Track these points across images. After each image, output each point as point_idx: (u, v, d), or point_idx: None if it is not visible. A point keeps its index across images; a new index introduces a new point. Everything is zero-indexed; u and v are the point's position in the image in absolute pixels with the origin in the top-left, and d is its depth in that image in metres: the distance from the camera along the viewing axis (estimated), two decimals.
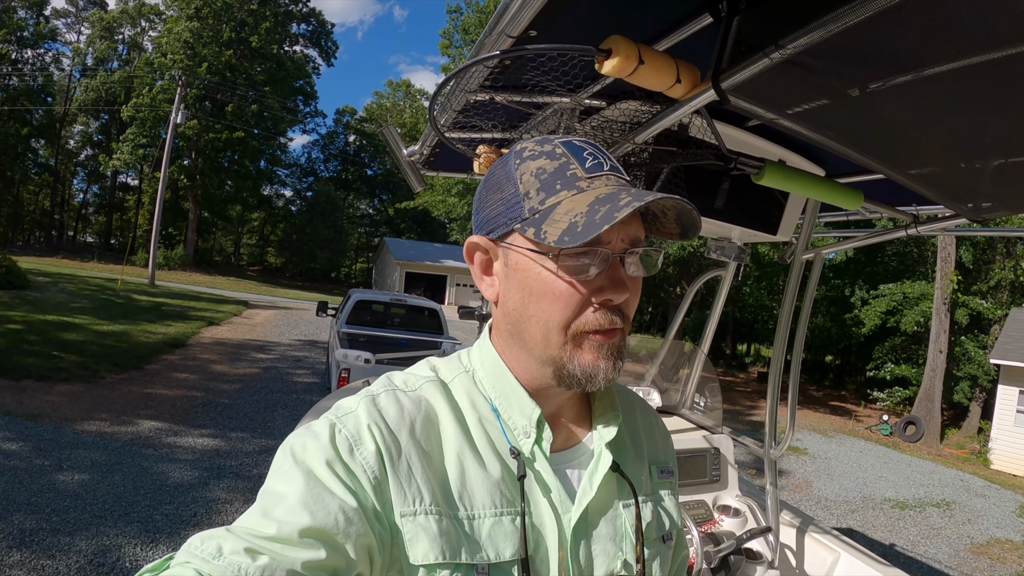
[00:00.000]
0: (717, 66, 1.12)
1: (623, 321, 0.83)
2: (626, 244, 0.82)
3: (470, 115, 1.82)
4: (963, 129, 1.41)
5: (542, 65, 1.37)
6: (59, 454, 6.45)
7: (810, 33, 0.95)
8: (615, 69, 1.15)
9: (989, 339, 19.58)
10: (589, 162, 0.83)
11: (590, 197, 0.79)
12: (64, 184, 54.58)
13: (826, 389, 28.06)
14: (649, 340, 11.71)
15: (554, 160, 0.84)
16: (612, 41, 1.16)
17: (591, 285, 0.81)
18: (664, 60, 1.18)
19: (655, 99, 1.50)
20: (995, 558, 8.13)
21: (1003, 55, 1.00)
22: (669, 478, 1.05)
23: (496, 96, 1.60)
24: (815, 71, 1.10)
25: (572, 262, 0.80)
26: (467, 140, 2.10)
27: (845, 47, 1.01)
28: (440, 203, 26.87)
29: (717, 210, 2.11)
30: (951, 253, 18.41)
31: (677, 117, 1.34)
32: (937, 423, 17.66)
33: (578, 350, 0.82)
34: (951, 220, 2.22)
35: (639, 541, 0.90)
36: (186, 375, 11.28)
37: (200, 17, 41.82)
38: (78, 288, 21.68)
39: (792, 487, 9.96)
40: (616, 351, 0.83)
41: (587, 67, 1.36)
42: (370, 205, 64.90)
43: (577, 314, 0.81)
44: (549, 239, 0.77)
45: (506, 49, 1.22)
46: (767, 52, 1.03)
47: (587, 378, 0.82)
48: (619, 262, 0.81)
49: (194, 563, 0.64)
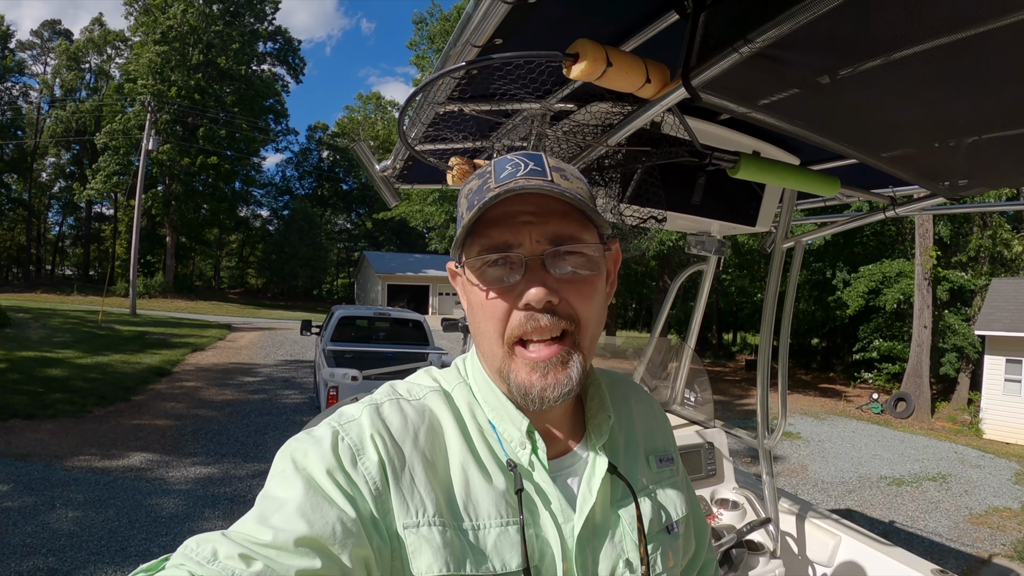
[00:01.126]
0: (686, 63, 1.10)
1: (570, 324, 0.82)
2: (545, 245, 0.81)
3: (440, 127, 1.81)
4: (935, 109, 1.41)
5: (510, 73, 1.36)
6: (51, 492, 6.37)
7: (779, 25, 0.95)
8: (583, 73, 1.14)
9: (972, 311, 19.80)
10: (506, 172, 0.82)
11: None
12: (39, 218, 53.87)
13: (814, 372, 28.22)
14: (635, 337, 11.76)
15: (480, 179, 0.85)
16: (579, 45, 1.14)
17: (513, 292, 0.81)
18: (633, 61, 1.17)
19: (626, 100, 1.49)
20: (995, 527, 8.20)
21: (971, 34, 1.00)
22: (669, 466, 1.05)
23: (465, 107, 1.59)
24: (785, 62, 1.09)
25: (492, 270, 0.82)
26: (439, 152, 2.08)
27: (814, 37, 1.00)
28: (417, 213, 26.82)
29: (695, 206, 2.10)
30: (929, 229, 18.59)
31: (649, 117, 1.33)
32: (927, 398, 17.81)
33: (514, 364, 0.83)
34: (929, 200, 2.23)
35: (641, 540, 0.89)
36: (173, 404, 11.18)
37: (167, 41, 41.48)
38: (60, 322, 21.41)
39: (788, 472, 10.00)
40: (555, 367, 0.81)
41: (555, 72, 1.35)
42: (348, 220, 64.59)
43: (505, 322, 0.82)
44: (457, 253, 0.82)
45: (472, 60, 1.20)
46: (736, 47, 1.01)
47: (522, 394, 0.83)
48: (540, 264, 0.80)
49: (188, 566, 0.64)
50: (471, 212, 0.79)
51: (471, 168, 1.60)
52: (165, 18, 41.56)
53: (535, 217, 0.81)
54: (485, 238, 0.82)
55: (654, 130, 1.70)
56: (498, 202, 0.80)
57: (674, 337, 3.69)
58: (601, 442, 0.92)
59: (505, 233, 0.81)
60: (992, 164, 1.76)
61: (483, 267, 0.82)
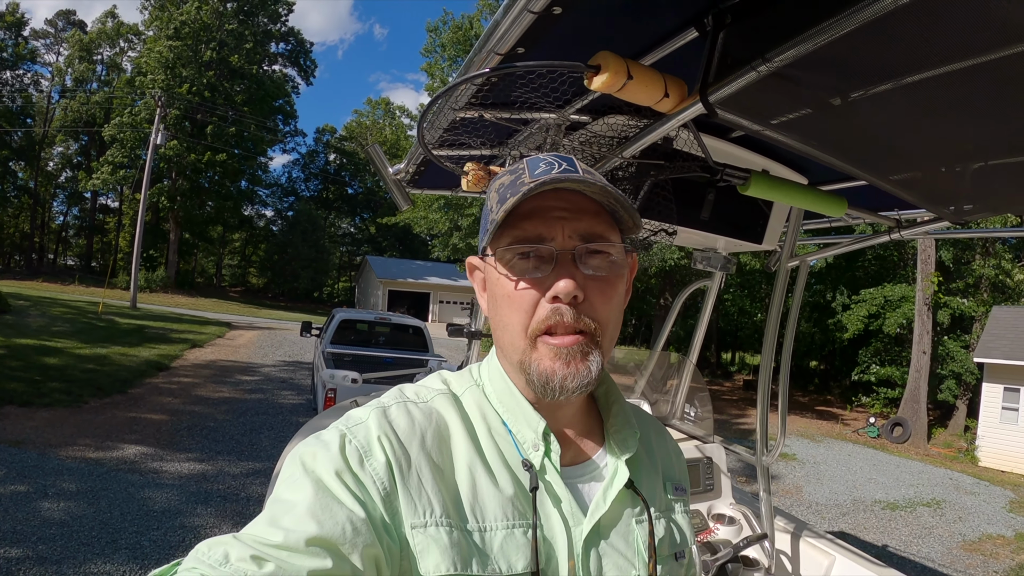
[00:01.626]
0: (704, 80, 1.13)
1: (591, 323, 0.83)
2: (576, 241, 0.82)
3: (458, 132, 1.83)
4: (944, 134, 1.43)
5: (531, 82, 1.38)
6: (44, 481, 6.36)
7: (797, 46, 0.97)
8: (605, 85, 1.16)
9: (972, 338, 19.79)
10: (541, 168, 0.84)
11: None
12: (44, 207, 53.88)
13: (812, 394, 28.13)
14: (636, 352, 11.73)
15: (512, 174, 0.87)
16: (601, 57, 1.17)
17: (542, 284, 0.82)
18: (652, 75, 1.19)
19: (642, 113, 1.51)
20: (988, 554, 8.18)
21: (982, 61, 1.02)
22: (682, 496, 1.05)
23: (484, 113, 1.61)
24: (800, 83, 1.12)
25: (522, 263, 0.83)
26: (455, 157, 2.10)
27: (830, 58, 1.02)
28: (422, 219, 26.70)
29: (703, 221, 2.12)
30: (931, 255, 18.60)
31: (665, 131, 1.35)
32: (924, 423, 17.79)
33: (536, 353, 0.83)
34: (933, 223, 2.25)
35: (652, 558, 0.89)
36: (170, 398, 11.16)
37: (180, 37, 41.63)
38: (60, 312, 21.40)
39: (783, 493, 9.98)
40: (576, 356, 0.82)
41: (574, 83, 1.37)
42: (351, 224, 64.47)
43: (531, 314, 0.83)
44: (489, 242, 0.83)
45: (495, 67, 1.22)
46: (755, 65, 1.04)
47: (543, 383, 0.83)
48: (570, 259, 0.82)
49: (201, 569, 0.64)
50: (505, 203, 0.80)
51: (486, 174, 1.61)
52: (179, 14, 41.74)
53: (569, 213, 0.83)
54: (518, 230, 0.83)
55: (666, 145, 1.72)
56: (533, 196, 0.82)
57: (675, 354, 3.69)
58: (626, 455, 0.92)
59: (539, 226, 0.82)
60: (997, 190, 1.78)
61: (513, 258, 0.83)
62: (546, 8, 1.05)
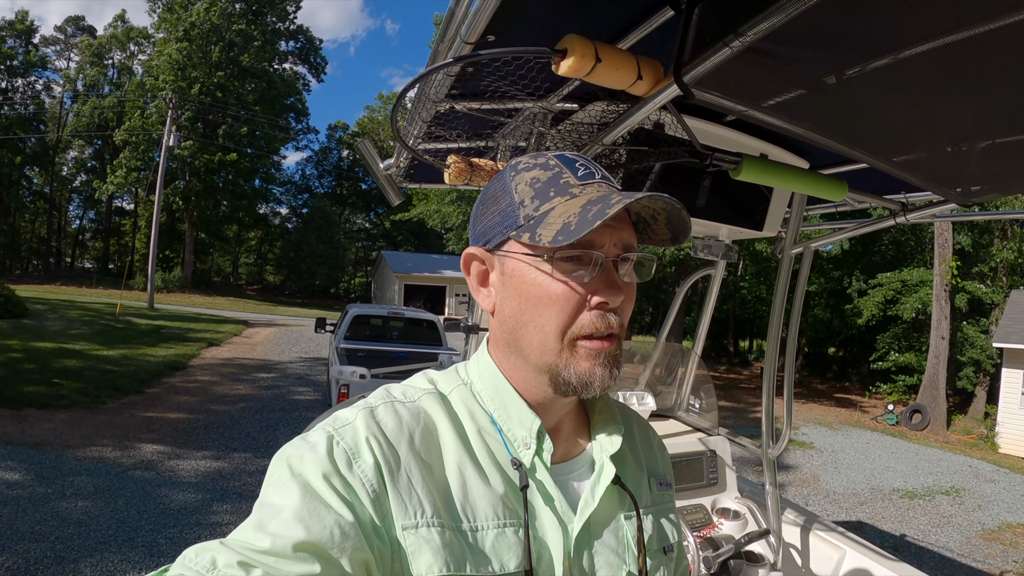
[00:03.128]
0: (678, 59, 1.08)
1: (619, 327, 0.84)
2: (619, 249, 0.84)
3: (441, 126, 1.79)
4: (945, 112, 1.38)
5: (500, 70, 1.34)
6: (62, 481, 6.44)
7: (769, 18, 0.92)
8: (571, 69, 1.12)
9: (990, 323, 19.53)
10: (581, 171, 0.86)
11: (583, 200, 0.81)
12: (60, 211, 54.61)
13: (830, 381, 27.96)
14: (642, 343, 11.69)
15: (548, 171, 0.87)
16: (567, 41, 1.13)
17: (587, 288, 0.82)
18: (623, 57, 1.15)
19: (620, 98, 1.47)
20: (1007, 543, 8.08)
21: (979, 32, 0.97)
22: (668, 490, 1.06)
23: (464, 105, 1.57)
24: (781, 58, 1.07)
25: (567, 265, 0.82)
26: (442, 151, 2.07)
27: (809, 31, 0.98)
28: (435, 213, 26.77)
29: (700, 208, 2.08)
30: (948, 239, 18.36)
31: (643, 115, 1.31)
32: (943, 410, 17.60)
33: (574, 357, 0.83)
34: (941, 206, 2.18)
35: (641, 552, 0.90)
36: (187, 397, 11.26)
37: (189, 39, 41.91)
38: (77, 314, 21.65)
39: (799, 482, 9.90)
40: (612, 359, 0.83)
41: (548, 70, 1.33)
42: (366, 219, 64.76)
43: (574, 318, 0.82)
44: (544, 240, 0.79)
45: (461, 55, 1.18)
46: (727, 41, 0.99)
47: (583, 385, 0.83)
48: (613, 266, 0.83)
49: (188, 575, 0.64)
50: (589, 213, 0.78)
51: (468, 167, 1.58)
52: (188, 16, 42.00)
53: (615, 222, 0.84)
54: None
55: (657, 131, 1.67)
56: (582, 198, 0.82)
57: (688, 341, 3.65)
58: (611, 452, 0.92)
59: (591, 233, 0.80)
60: (1006, 170, 1.72)
61: (559, 260, 0.82)
62: None
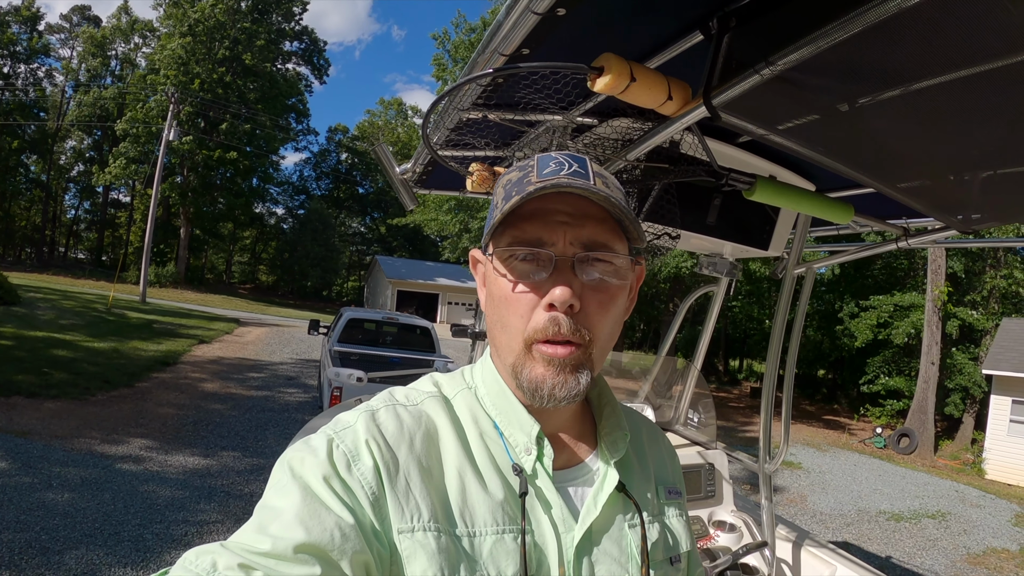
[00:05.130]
0: (708, 83, 1.12)
1: (586, 334, 0.80)
2: (577, 248, 0.80)
3: (463, 133, 1.83)
4: (952, 142, 1.42)
5: (535, 83, 1.38)
6: (49, 471, 6.40)
7: (800, 50, 0.96)
8: (607, 87, 1.16)
9: (981, 350, 19.66)
10: (550, 168, 0.82)
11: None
12: (56, 200, 54.25)
13: (819, 403, 28.02)
14: (641, 357, 11.71)
15: (521, 171, 0.85)
16: (604, 59, 1.16)
17: (539, 289, 0.80)
18: (656, 77, 1.19)
19: (647, 116, 1.50)
20: (992, 568, 8.13)
21: (990, 68, 1.01)
22: (677, 499, 1.03)
23: (489, 114, 1.61)
24: (805, 87, 1.11)
25: (523, 265, 0.81)
26: (460, 158, 2.10)
27: (835, 63, 1.02)
28: (432, 221, 26.73)
29: (709, 226, 2.11)
30: (941, 265, 18.50)
31: (669, 134, 1.35)
32: (931, 435, 17.69)
33: (530, 360, 0.81)
34: (941, 232, 2.23)
35: (645, 562, 0.87)
36: (177, 393, 11.20)
37: (194, 34, 41.85)
38: (69, 305, 21.51)
39: (787, 502, 9.93)
40: (570, 367, 0.80)
41: (579, 85, 1.37)
42: (362, 223, 64.61)
43: (527, 319, 0.81)
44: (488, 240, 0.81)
45: (499, 67, 1.22)
46: (758, 69, 1.03)
47: (532, 391, 0.82)
48: (569, 267, 0.80)
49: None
50: (509, 202, 0.79)
51: (491, 175, 1.61)
52: (193, 11, 41.97)
53: (572, 218, 0.81)
54: (518, 230, 0.82)
55: (672, 149, 1.71)
56: (537, 197, 0.80)
57: (681, 360, 3.67)
58: (615, 458, 0.91)
59: (540, 229, 0.80)
60: (1006, 199, 1.77)
61: (511, 259, 0.81)
62: (550, 9, 1.05)
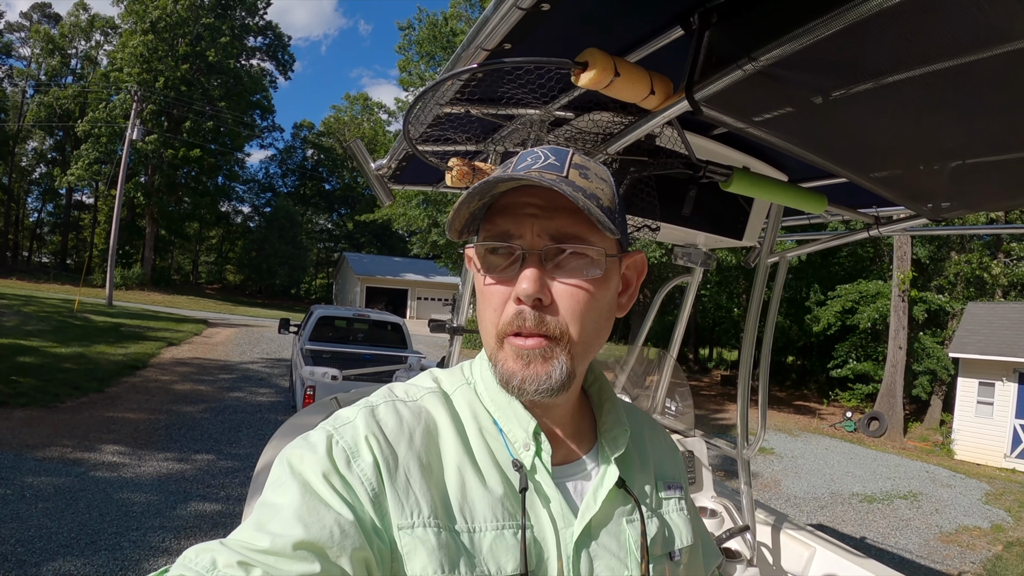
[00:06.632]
0: (690, 78, 1.13)
1: (556, 327, 0.79)
2: (545, 240, 0.79)
3: (443, 128, 1.83)
4: (923, 133, 1.46)
5: (517, 78, 1.38)
6: (21, 482, 6.28)
7: (783, 46, 0.98)
8: (592, 81, 1.17)
9: (947, 333, 20.08)
10: (525, 163, 0.81)
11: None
12: (18, 203, 53.02)
13: (789, 389, 28.38)
14: (615, 348, 11.73)
15: (504, 168, 0.84)
16: (589, 54, 1.17)
17: (509, 283, 0.80)
18: (639, 72, 1.20)
19: (627, 110, 1.52)
20: (964, 545, 8.34)
21: (962, 63, 1.04)
22: (677, 493, 1.03)
23: (470, 108, 1.61)
24: (785, 82, 1.13)
25: (494, 259, 0.81)
26: (439, 153, 2.10)
27: (815, 58, 1.04)
28: (401, 216, 26.56)
29: (684, 217, 2.14)
30: (907, 251, 18.86)
31: (650, 127, 1.36)
32: (900, 418, 18.06)
33: (502, 353, 0.82)
34: (911, 220, 2.28)
35: (644, 558, 0.87)
36: (148, 397, 11.04)
37: (156, 31, 41.09)
38: (34, 310, 21.07)
39: (761, 487, 10.08)
40: (536, 359, 0.79)
41: (561, 79, 1.37)
42: (329, 220, 64.02)
43: (500, 312, 0.81)
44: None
45: (482, 62, 1.23)
46: (740, 64, 1.05)
47: (504, 383, 0.82)
48: (537, 259, 0.79)
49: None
50: (480, 198, 0.80)
51: (470, 170, 1.61)
52: (155, 8, 41.20)
53: (540, 211, 0.79)
54: (491, 225, 0.82)
55: (648, 142, 1.73)
56: (508, 191, 0.81)
57: (653, 350, 3.70)
58: (615, 454, 0.91)
59: (508, 223, 0.80)
60: (975, 188, 1.81)
61: (485, 254, 0.82)
62: (534, 4, 1.05)
